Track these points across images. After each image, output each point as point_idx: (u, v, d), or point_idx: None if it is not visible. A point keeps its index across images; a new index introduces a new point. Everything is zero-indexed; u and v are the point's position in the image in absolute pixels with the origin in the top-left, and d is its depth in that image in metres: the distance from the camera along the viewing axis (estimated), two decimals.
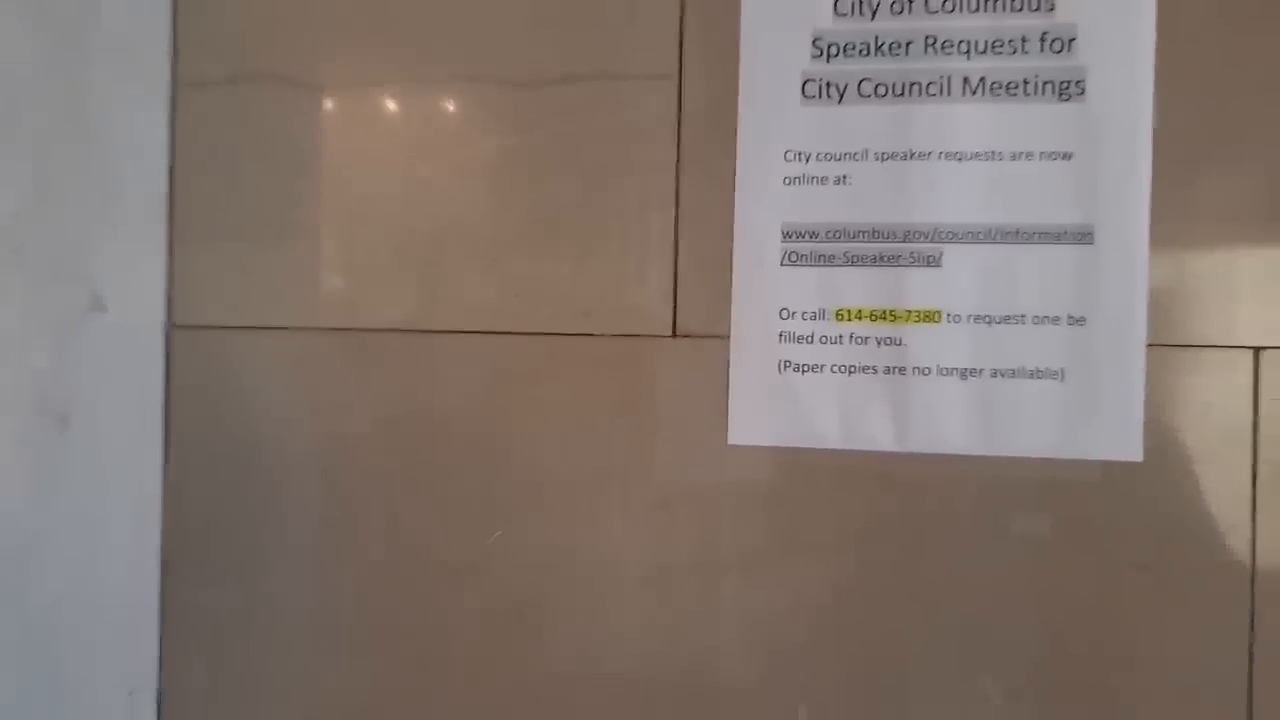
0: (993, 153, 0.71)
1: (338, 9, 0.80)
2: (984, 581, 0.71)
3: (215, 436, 0.81)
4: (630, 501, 0.75)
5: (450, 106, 0.80)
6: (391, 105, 0.81)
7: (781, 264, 0.73)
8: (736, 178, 0.74)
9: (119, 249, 0.78)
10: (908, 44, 0.72)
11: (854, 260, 0.73)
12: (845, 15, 0.73)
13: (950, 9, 0.71)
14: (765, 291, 0.74)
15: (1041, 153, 0.71)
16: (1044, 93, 0.71)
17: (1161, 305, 0.69)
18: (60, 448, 0.71)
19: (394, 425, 0.79)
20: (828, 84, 0.73)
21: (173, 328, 0.81)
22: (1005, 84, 0.71)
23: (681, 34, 0.76)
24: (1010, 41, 0.71)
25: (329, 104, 0.81)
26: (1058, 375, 0.70)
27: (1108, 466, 0.70)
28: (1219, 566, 0.69)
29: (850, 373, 0.72)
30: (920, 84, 0.72)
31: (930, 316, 0.72)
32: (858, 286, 0.73)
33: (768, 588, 0.74)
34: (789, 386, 0.73)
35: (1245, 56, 0.69)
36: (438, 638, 0.77)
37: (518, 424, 0.77)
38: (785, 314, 0.73)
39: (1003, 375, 0.71)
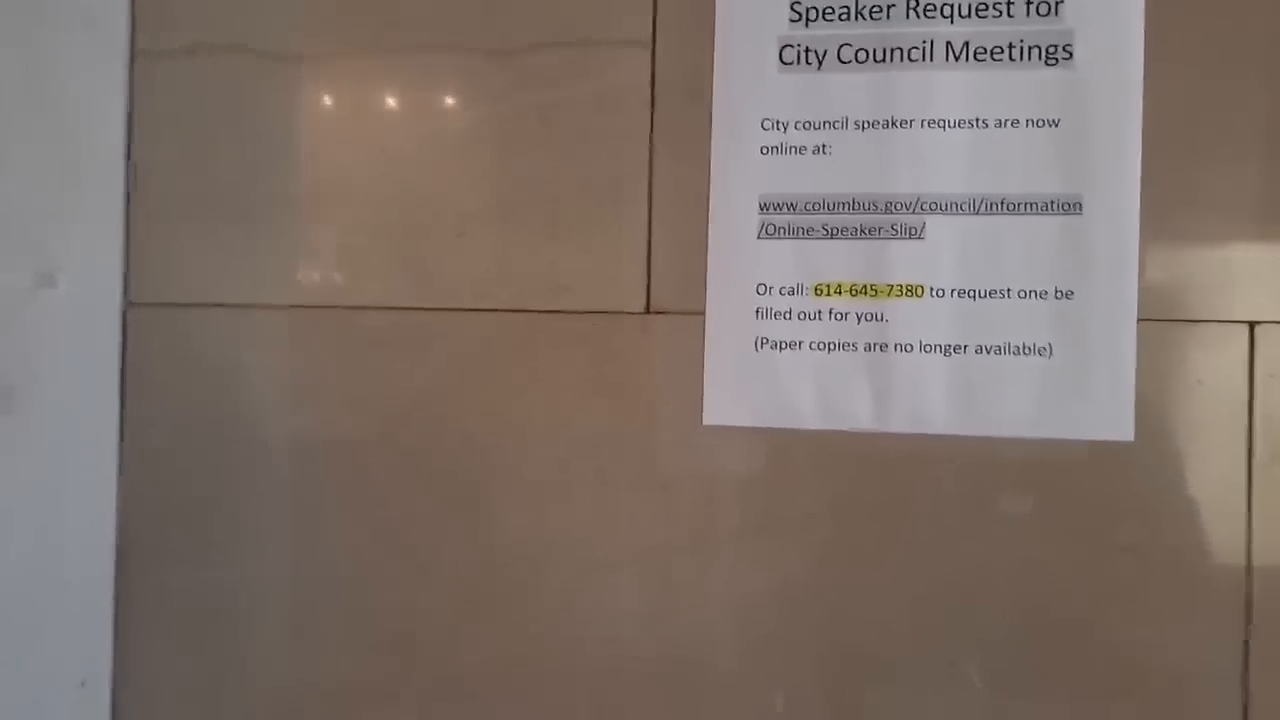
0: (977, 120, 0.68)
1: None
2: (967, 565, 0.69)
3: (174, 417, 0.78)
4: (603, 484, 0.73)
5: (420, 76, 0.77)
6: (358, 75, 0.78)
7: (759, 237, 0.71)
8: (712, 147, 0.71)
9: (73, 223, 0.75)
10: (889, 7, 0.69)
11: (834, 233, 0.70)
12: None
13: None
14: (742, 266, 0.71)
15: (1028, 120, 0.68)
16: (1030, 57, 0.68)
17: (1153, 278, 0.67)
18: (4, 427, 0.68)
19: (363, 404, 0.76)
20: (806, 49, 0.70)
21: (129, 305, 0.78)
22: (990, 49, 0.68)
23: None
24: (995, 5, 0.68)
25: (294, 75, 0.78)
26: (1045, 351, 0.67)
27: (1097, 446, 0.67)
28: (1213, 550, 0.66)
29: (829, 350, 0.70)
30: (902, 49, 0.69)
31: (913, 291, 0.69)
32: (838, 260, 0.70)
33: (744, 572, 0.71)
34: (766, 364, 0.70)
35: (1239, 19, 0.67)
36: (408, 623, 0.75)
37: (488, 403, 0.74)
38: (762, 289, 0.71)
39: (987, 352, 0.68)
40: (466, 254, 0.75)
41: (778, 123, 0.71)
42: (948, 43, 0.69)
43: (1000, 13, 0.68)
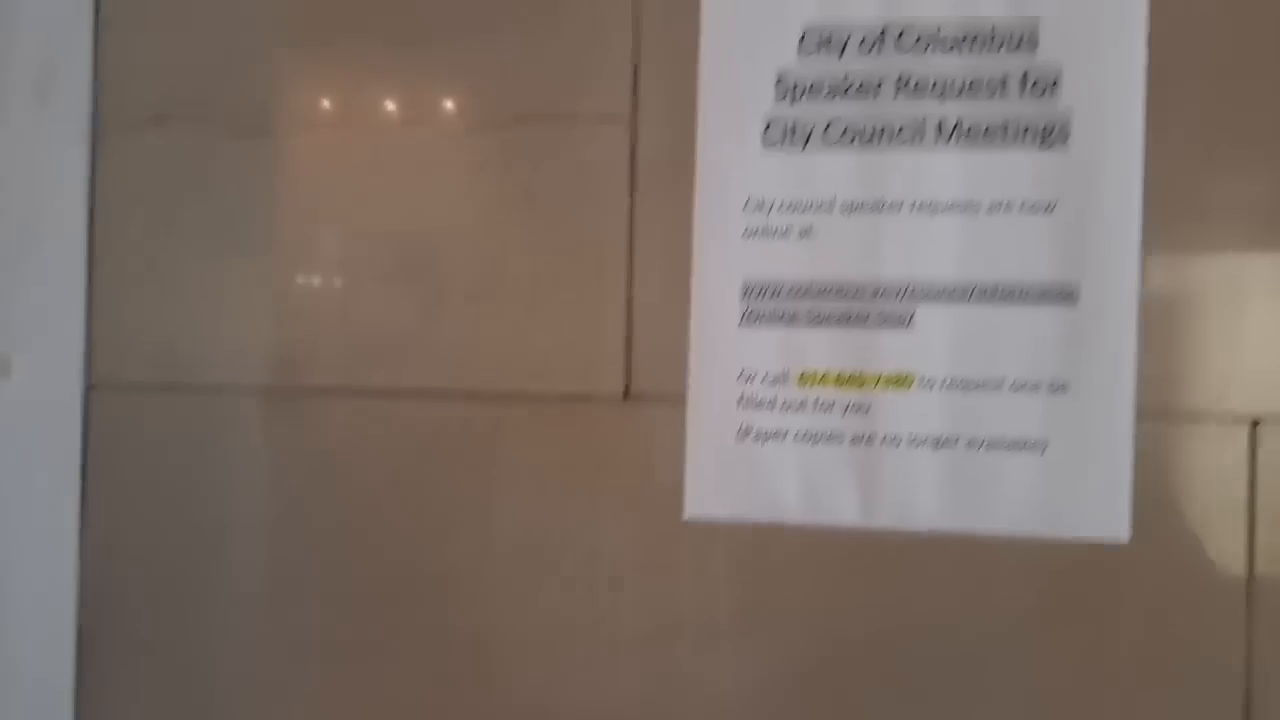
0: (969, 204, 0.65)
1: (273, 46, 0.75)
2: (960, 666, 0.66)
3: (139, 502, 0.75)
4: (578, 578, 0.70)
5: (395, 149, 0.74)
6: (333, 149, 0.75)
7: (741, 323, 0.68)
8: (694, 229, 0.69)
9: (31, 301, 0.72)
10: (878, 85, 0.66)
11: (819, 320, 0.67)
12: (811, 53, 0.67)
13: (924, 47, 0.66)
14: (724, 353, 0.68)
15: (1022, 204, 0.65)
16: (1024, 139, 0.65)
17: (1151, 372, 0.64)
18: None
19: (330, 490, 0.74)
20: (791, 128, 0.67)
21: (91, 387, 0.75)
22: (983, 129, 0.65)
23: (635, 71, 0.70)
24: (988, 83, 0.65)
25: (263, 147, 0.75)
26: (1038, 447, 0.65)
27: (1092, 545, 0.64)
28: (1211, 654, 0.64)
29: (814, 442, 0.67)
30: (891, 128, 0.66)
31: (901, 381, 0.66)
32: (823, 348, 0.67)
33: (726, 671, 0.69)
34: (749, 456, 0.68)
35: (1241, 100, 0.64)
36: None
37: (460, 488, 0.72)
38: (745, 377, 0.68)
39: (979, 446, 0.65)
40: (442, 333, 0.72)
41: (761, 203, 0.68)
42: (939, 122, 0.66)
43: (994, 92, 0.65)
